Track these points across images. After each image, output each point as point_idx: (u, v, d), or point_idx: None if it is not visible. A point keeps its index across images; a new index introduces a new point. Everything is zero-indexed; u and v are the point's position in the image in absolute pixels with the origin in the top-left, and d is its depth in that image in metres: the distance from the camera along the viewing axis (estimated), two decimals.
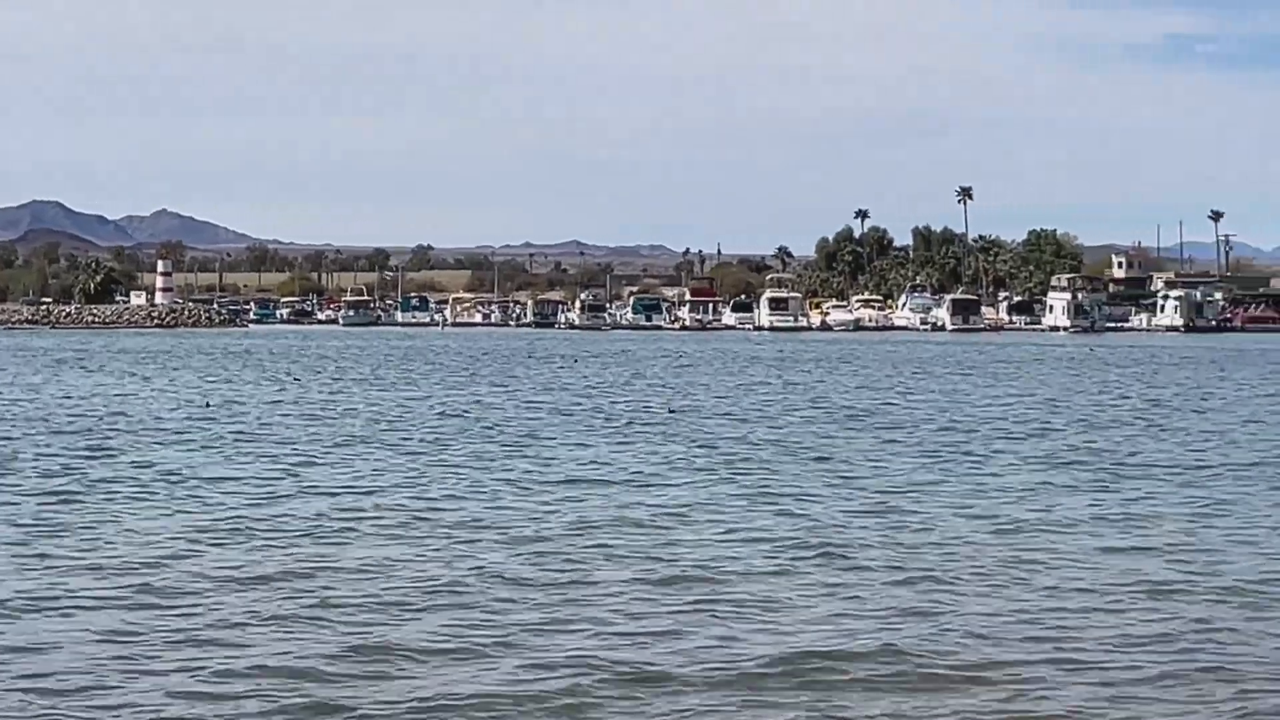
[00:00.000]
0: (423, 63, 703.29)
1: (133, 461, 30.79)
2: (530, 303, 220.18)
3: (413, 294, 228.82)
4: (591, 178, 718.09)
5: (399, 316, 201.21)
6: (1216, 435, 38.10)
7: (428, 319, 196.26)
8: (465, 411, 45.25)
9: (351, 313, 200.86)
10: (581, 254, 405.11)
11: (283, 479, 27.92)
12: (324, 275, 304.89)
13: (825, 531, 21.60)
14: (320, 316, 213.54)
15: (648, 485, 27.14)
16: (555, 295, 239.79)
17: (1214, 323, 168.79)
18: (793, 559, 19.44)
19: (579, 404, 48.85)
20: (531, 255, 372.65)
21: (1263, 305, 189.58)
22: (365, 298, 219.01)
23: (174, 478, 27.86)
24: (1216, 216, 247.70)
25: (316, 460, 31.26)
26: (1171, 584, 17.85)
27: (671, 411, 43.96)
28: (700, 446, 34.26)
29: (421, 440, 35.96)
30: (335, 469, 29.64)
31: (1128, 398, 54.61)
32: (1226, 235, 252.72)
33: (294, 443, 35.17)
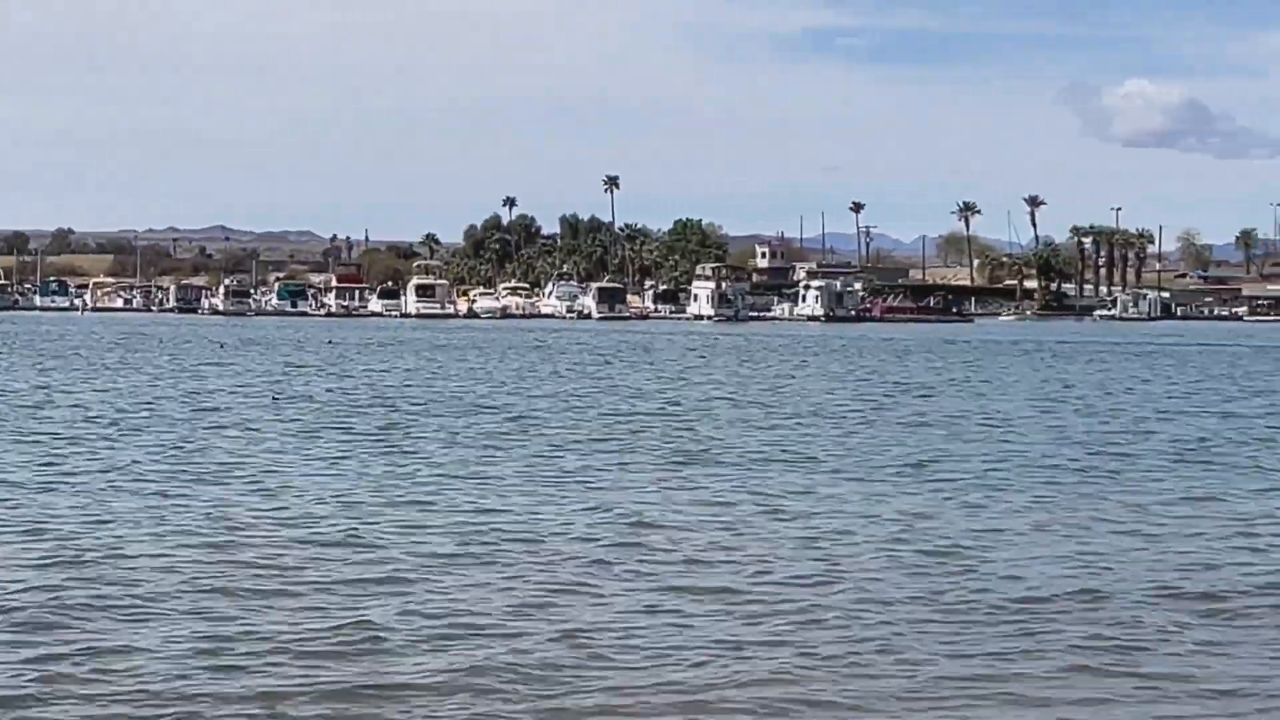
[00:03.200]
0: (59, 40, 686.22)
1: None
2: (173, 288, 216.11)
3: (52, 278, 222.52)
4: (238, 162, 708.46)
5: (38, 301, 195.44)
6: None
7: (67, 304, 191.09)
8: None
9: None
10: (227, 239, 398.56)
11: None
12: None
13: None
14: None
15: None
16: (199, 281, 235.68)
17: (853, 312, 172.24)
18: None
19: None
20: (176, 240, 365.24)
21: (900, 296, 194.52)
22: (2, 282, 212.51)
23: None
24: (858, 208, 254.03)
25: None
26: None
27: (275, 398, 43.08)
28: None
29: None
30: None
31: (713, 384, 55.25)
32: (867, 227, 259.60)
33: None
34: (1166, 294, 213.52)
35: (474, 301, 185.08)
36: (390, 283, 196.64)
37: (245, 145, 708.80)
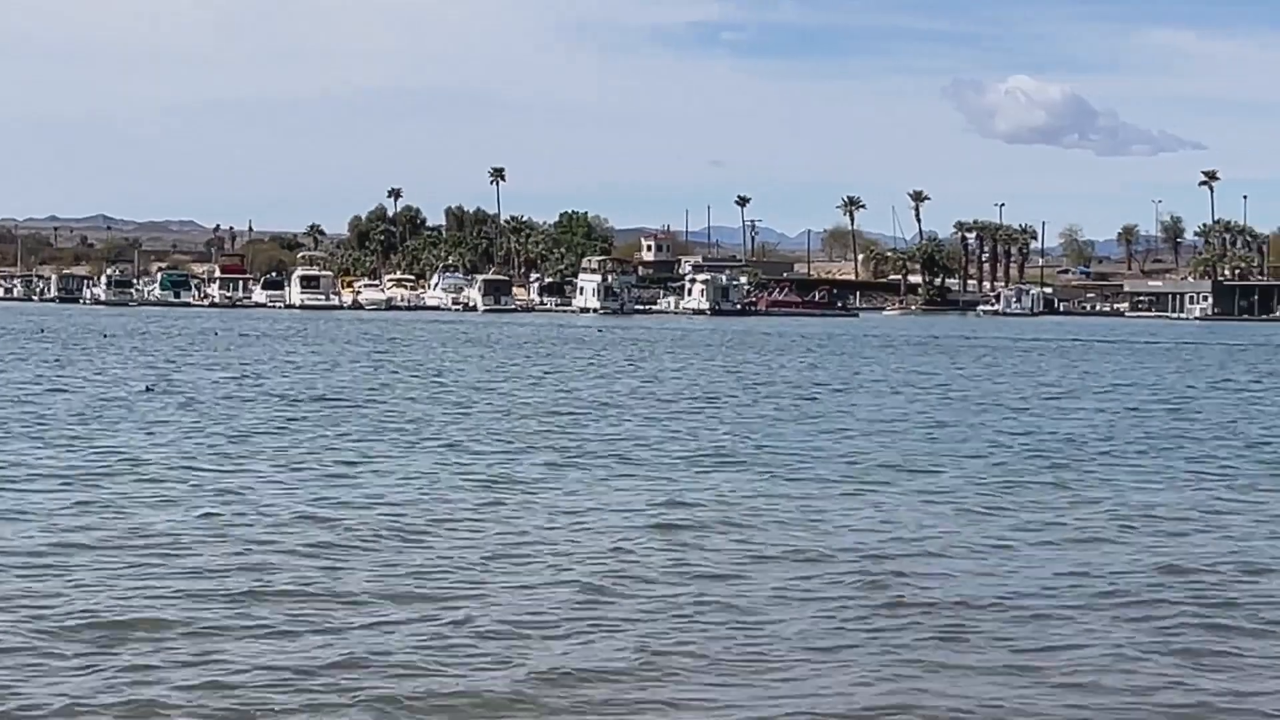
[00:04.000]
0: None
1: None
2: (55, 278, 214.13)
3: None
4: (120, 150, 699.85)
5: None
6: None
7: None
8: None
9: None
10: (109, 228, 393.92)
11: None
12: None
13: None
14: None
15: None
16: (81, 270, 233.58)
17: (739, 306, 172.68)
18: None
19: None
20: (56, 228, 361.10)
21: (786, 290, 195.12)
22: None
23: None
24: (743, 202, 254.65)
25: None
26: None
27: (149, 389, 42.43)
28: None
29: None
30: None
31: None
32: (753, 221, 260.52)
33: None
34: (1049, 290, 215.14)
35: (359, 293, 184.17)
36: (274, 273, 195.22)
37: (127, 134, 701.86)
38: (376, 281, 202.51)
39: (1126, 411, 41.15)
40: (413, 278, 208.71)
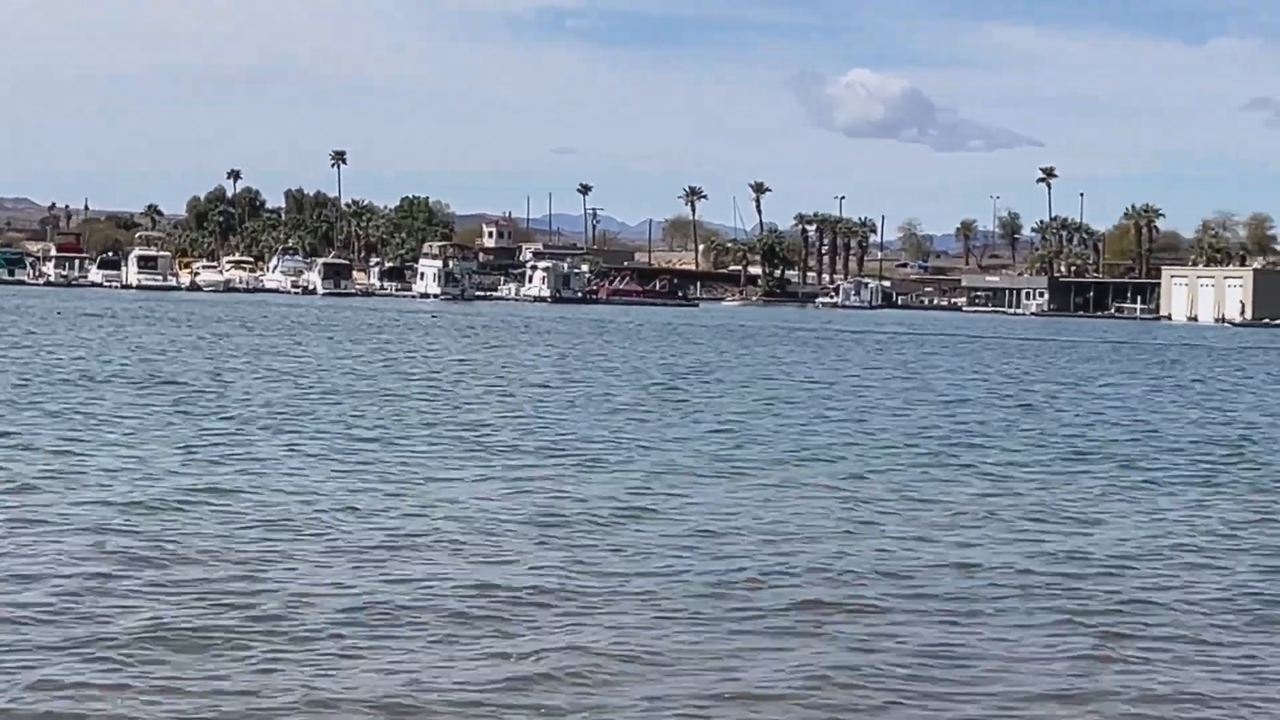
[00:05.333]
0: None
1: None
2: None
3: None
4: None
5: None
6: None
7: None
8: None
9: None
10: None
11: None
12: None
13: None
14: None
15: None
16: None
17: (580, 294, 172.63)
18: None
19: None
20: None
21: (627, 279, 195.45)
22: None
23: None
24: (585, 190, 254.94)
25: None
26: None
27: None
28: None
29: None
30: None
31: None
32: (595, 209, 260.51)
33: None
34: (888, 283, 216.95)
35: (197, 274, 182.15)
36: (111, 253, 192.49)
37: None
38: (215, 263, 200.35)
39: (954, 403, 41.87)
40: (251, 260, 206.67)
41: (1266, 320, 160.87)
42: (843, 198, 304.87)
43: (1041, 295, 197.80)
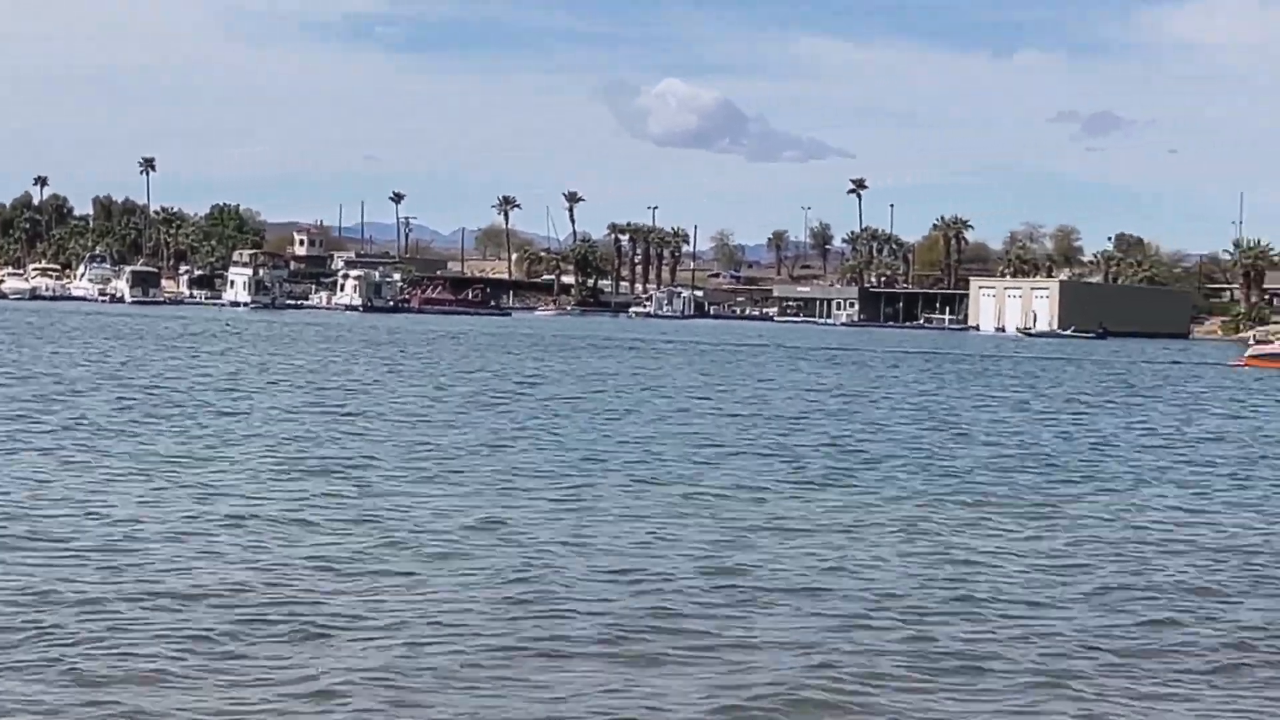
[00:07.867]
0: None
1: None
2: None
3: None
4: None
5: None
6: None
7: None
8: None
9: None
10: None
11: None
12: None
13: None
14: None
15: None
16: None
17: (392, 303, 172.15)
18: None
19: None
20: None
21: (440, 287, 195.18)
22: None
23: None
24: (398, 198, 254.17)
25: None
26: None
27: None
28: None
29: None
30: None
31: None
32: (407, 218, 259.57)
33: None
34: (700, 292, 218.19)
35: (2, 282, 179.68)
36: None
37: None
38: (21, 271, 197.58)
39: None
40: (58, 267, 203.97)
41: (1074, 331, 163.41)
42: (656, 207, 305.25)
43: (852, 305, 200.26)
